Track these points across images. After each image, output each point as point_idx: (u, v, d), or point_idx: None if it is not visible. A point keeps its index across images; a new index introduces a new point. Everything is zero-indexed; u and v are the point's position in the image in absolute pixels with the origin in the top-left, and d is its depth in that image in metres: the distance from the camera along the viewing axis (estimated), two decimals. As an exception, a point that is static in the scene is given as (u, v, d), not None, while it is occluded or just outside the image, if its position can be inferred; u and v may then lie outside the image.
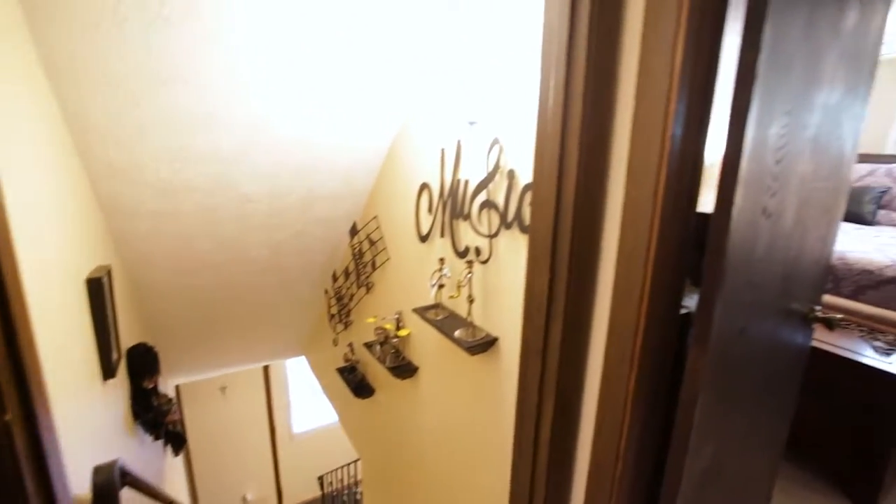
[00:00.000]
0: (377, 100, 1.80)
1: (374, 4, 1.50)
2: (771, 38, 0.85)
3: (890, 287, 2.57)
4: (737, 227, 0.93)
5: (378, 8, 1.52)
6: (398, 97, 1.78)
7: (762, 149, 0.93)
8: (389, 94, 1.79)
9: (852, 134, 1.31)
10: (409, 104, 1.75)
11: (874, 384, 2.00)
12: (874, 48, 1.27)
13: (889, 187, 3.90)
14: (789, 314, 1.33)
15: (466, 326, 1.39)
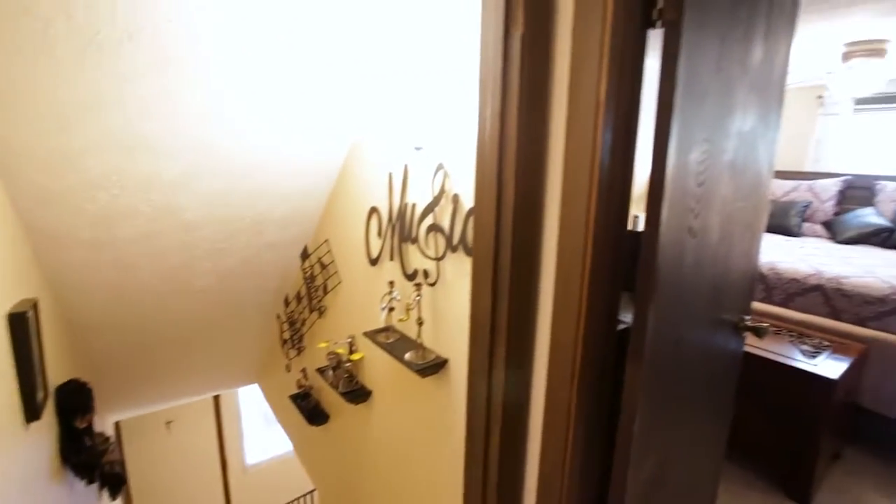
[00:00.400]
0: (326, 124, 1.80)
1: (320, 30, 1.52)
2: (685, 74, 0.93)
3: (814, 294, 2.77)
4: (665, 245, 0.99)
5: (325, 33, 1.54)
6: (347, 122, 1.79)
7: (684, 173, 1.00)
8: (338, 118, 1.80)
9: (767, 157, 1.42)
10: (358, 128, 1.77)
11: (803, 385, 2.14)
12: (780, 80, 1.40)
13: (810, 201, 4.23)
14: (721, 324, 1.41)
15: (417, 349, 1.40)
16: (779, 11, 1.29)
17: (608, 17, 0.87)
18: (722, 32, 1.03)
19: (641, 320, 0.99)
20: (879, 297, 2.55)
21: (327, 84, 1.68)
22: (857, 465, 2.46)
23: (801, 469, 2.17)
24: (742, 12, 1.10)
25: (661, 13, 0.92)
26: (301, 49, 1.54)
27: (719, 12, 1.01)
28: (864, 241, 3.75)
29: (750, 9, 1.13)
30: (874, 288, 2.59)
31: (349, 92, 1.71)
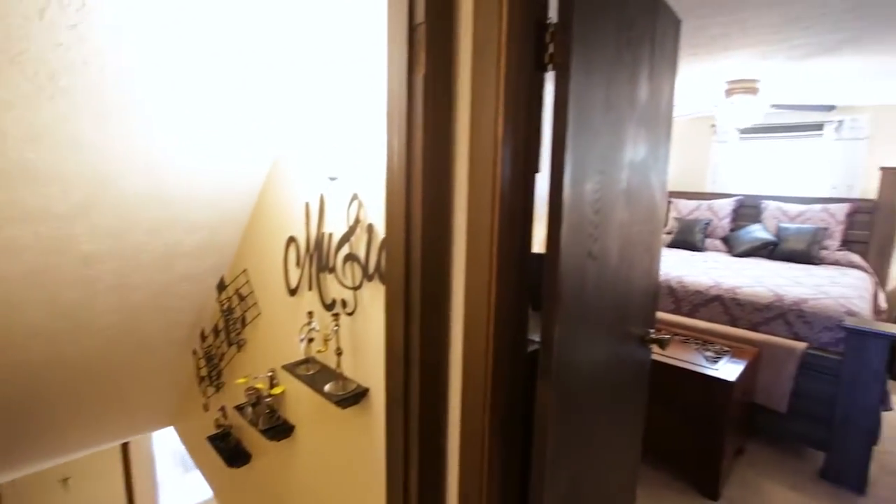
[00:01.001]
0: (241, 153, 1.75)
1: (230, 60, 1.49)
2: (576, 113, 1.01)
3: (715, 304, 3.05)
4: (567, 268, 1.05)
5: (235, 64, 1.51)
6: (263, 151, 1.75)
7: (581, 202, 1.08)
8: (254, 147, 1.76)
9: (660, 183, 1.56)
10: (274, 158, 1.73)
11: (707, 388, 2.33)
12: (667, 115, 1.56)
13: (711, 219, 4.68)
14: (628, 338, 1.51)
15: (337, 379, 1.37)
16: (660, 55, 1.44)
17: (502, 61, 0.93)
18: (609, 75, 1.14)
19: (548, 340, 1.04)
20: (766, 304, 2.85)
21: (241, 111, 1.64)
22: (758, 458, 2.70)
23: (710, 466, 2.35)
24: (627, 57, 1.22)
25: (551, 57, 1.01)
26: (214, 76, 1.50)
27: (605, 57, 1.12)
28: (755, 254, 4.19)
29: (634, 54, 1.26)
30: (762, 296, 2.90)
31: (265, 119, 1.68)
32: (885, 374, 2.37)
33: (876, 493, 2.42)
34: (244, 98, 1.60)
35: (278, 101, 1.64)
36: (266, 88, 1.61)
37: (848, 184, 4.25)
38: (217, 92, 1.55)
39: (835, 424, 2.46)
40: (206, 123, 1.61)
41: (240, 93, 1.58)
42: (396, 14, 1.01)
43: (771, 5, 2.09)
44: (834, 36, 2.44)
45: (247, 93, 1.58)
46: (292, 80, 1.58)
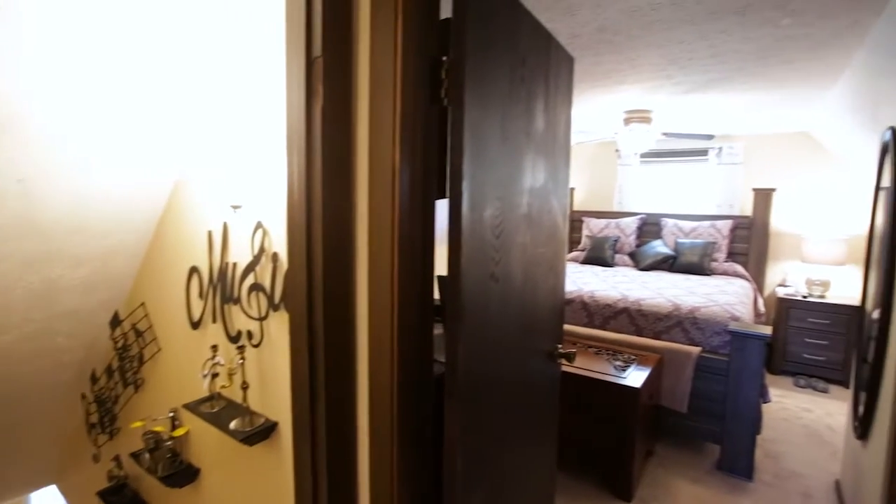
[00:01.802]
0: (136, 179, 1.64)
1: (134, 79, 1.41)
2: (473, 144, 1.07)
3: (622, 316, 3.28)
4: (469, 291, 1.09)
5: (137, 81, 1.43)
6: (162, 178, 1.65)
7: (480, 227, 1.13)
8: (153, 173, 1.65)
9: (561, 207, 1.68)
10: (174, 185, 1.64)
11: (617, 395, 2.48)
12: (565, 144, 1.68)
13: (619, 236, 5.05)
14: (536, 354, 1.58)
15: (244, 415, 1.31)
16: (555, 90, 1.56)
17: (398, 95, 0.97)
18: (504, 109, 1.22)
19: (453, 361, 1.07)
20: (666, 313, 3.11)
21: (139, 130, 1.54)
22: (666, 458, 2.90)
23: (623, 469, 2.49)
24: (521, 92, 1.32)
25: (447, 92, 1.06)
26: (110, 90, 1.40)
27: (500, 92, 1.20)
28: (658, 267, 4.58)
29: (528, 89, 1.36)
30: (662, 307, 3.17)
31: (164, 142, 1.60)
32: (762, 370, 2.67)
33: (760, 477, 2.70)
34: (142, 115, 1.51)
35: (179, 124, 1.56)
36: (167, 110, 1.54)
37: (729, 203, 4.79)
38: (113, 107, 1.45)
39: (726, 419, 2.72)
40: (98, 142, 1.49)
41: (139, 110, 1.49)
42: (294, 47, 1.02)
43: (653, 47, 2.35)
44: (704, 76, 2.79)
45: (146, 111, 1.50)
46: (193, 106, 1.52)
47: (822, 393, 3.88)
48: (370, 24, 1.00)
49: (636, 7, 1.88)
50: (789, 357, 4.16)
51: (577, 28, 2.11)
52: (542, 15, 1.97)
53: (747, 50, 2.35)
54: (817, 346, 4.04)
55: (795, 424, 3.36)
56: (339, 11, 1.00)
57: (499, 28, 1.19)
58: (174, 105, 1.55)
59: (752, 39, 2.21)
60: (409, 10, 0.99)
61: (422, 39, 1.03)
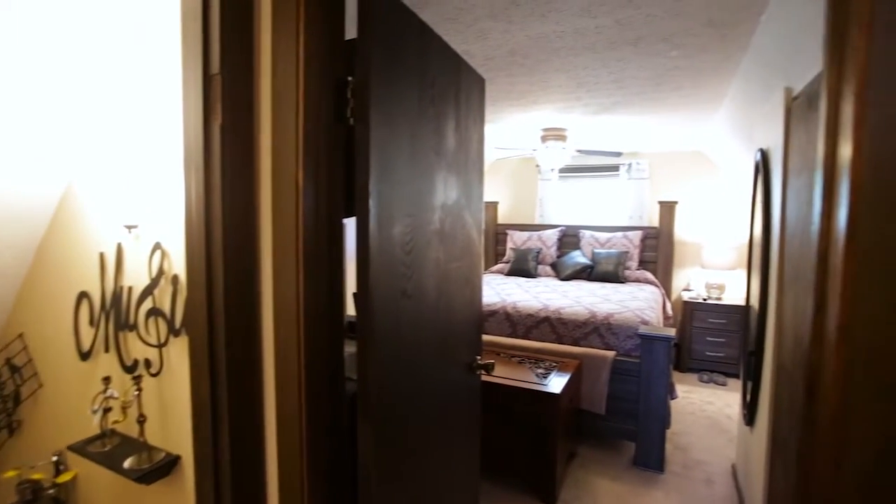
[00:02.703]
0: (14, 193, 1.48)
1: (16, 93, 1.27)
2: (381, 162, 1.08)
3: (544, 325, 3.41)
4: (380, 308, 1.10)
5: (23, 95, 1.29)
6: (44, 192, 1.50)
7: (390, 245, 1.14)
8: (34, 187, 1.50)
9: (475, 222, 1.73)
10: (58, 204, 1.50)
11: (539, 402, 2.58)
12: (477, 161, 1.74)
13: (541, 248, 5.27)
14: (455, 367, 1.61)
15: (140, 451, 1.21)
16: (466, 110, 1.62)
17: (301, 114, 0.96)
18: (413, 128, 1.25)
19: (364, 380, 1.07)
20: (583, 321, 3.29)
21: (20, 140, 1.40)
22: (588, 459, 3.04)
23: (546, 473, 2.57)
24: (431, 111, 1.35)
25: (352, 111, 1.07)
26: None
27: (408, 112, 1.22)
28: (576, 277, 4.84)
29: (438, 109, 1.40)
30: (580, 314, 3.34)
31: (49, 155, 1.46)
32: (669, 369, 2.90)
33: (671, 468, 2.91)
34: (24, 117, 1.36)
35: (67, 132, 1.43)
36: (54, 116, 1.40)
37: (639, 215, 5.19)
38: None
39: (639, 417, 2.91)
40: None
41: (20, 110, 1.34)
42: (191, 63, 0.99)
43: (561, 72, 2.51)
44: (608, 99, 3.02)
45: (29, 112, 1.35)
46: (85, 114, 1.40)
47: (721, 386, 4.26)
48: (271, 42, 0.99)
49: (542, 34, 2.01)
50: (694, 355, 4.54)
51: (489, 51, 2.21)
52: (456, 37, 2.04)
53: (644, 77, 2.58)
54: (717, 343, 4.45)
55: (700, 417, 3.66)
56: (237, 28, 0.98)
57: (406, 50, 1.22)
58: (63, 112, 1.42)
59: (647, 68, 2.43)
60: (311, 29, 0.99)
61: (326, 59, 1.03)
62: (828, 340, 0.66)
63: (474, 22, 1.90)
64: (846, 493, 0.66)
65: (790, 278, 1.81)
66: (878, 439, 0.61)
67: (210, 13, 0.95)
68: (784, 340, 1.88)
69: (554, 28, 1.95)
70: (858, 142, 0.60)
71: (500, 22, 1.89)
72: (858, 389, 0.61)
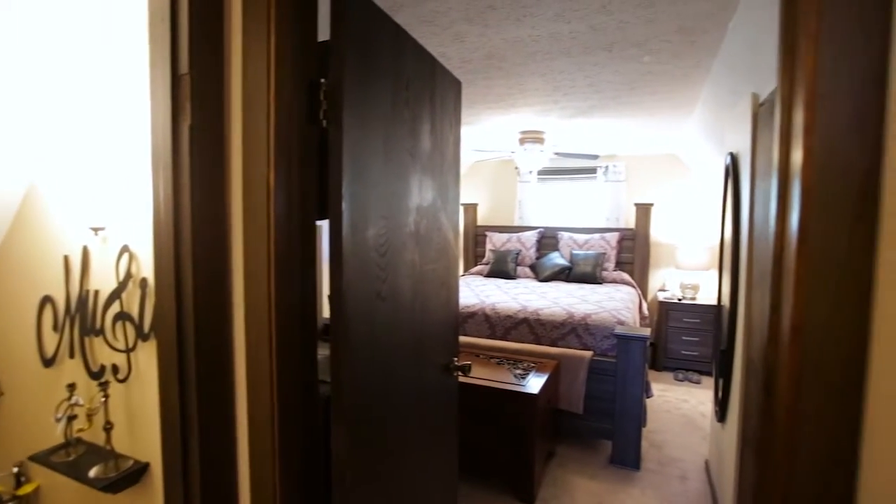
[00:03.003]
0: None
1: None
2: (353, 165, 1.08)
3: (522, 326, 3.44)
4: (354, 311, 1.09)
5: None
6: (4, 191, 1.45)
7: (364, 247, 1.14)
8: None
9: (451, 224, 1.74)
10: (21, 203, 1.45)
11: (517, 403, 2.60)
12: (453, 163, 1.75)
13: (520, 249, 5.31)
14: (431, 369, 1.61)
15: (107, 459, 1.18)
16: (442, 112, 1.63)
17: (272, 115, 0.96)
18: (387, 130, 1.25)
19: (339, 383, 1.06)
20: (561, 321, 3.33)
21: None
22: (566, 458, 3.08)
23: (525, 473, 2.59)
24: (406, 114, 1.36)
25: (325, 113, 1.07)
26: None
27: (383, 114, 1.22)
28: (555, 278, 4.89)
29: (413, 111, 1.40)
30: (558, 315, 3.38)
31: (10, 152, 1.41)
32: (645, 369, 2.96)
33: (646, 466, 2.96)
34: None
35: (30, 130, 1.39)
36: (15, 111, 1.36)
37: (616, 216, 5.27)
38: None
39: (616, 416, 2.96)
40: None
41: None
42: (159, 63, 0.97)
43: (538, 75, 2.54)
44: (585, 103, 3.07)
45: None
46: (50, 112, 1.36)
47: (696, 384, 4.36)
48: (242, 42, 0.98)
49: (518, 38, 2.03)
50: (670, 354, 4.64)
51: (466, 54, 2.22)
52: (433, 40, 2.05)
53: (619, 81, 2.63)
54: (691, 342, 4.55)
55: (675, 414, 3.74)
56: (207, 28, 0.97)
57: (380, 52, 1.22)
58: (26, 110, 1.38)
59: (622, 72, 2.48)
60: (283, 30, 0.98)
61: (298, 60, 1.03)
62: (782, 339, 0.68)
63: (450, 25, 1.91)
64: (803, 482, 0.69)
65: (758, 278, 1.87)
66: (828, 433, 0.64)
67: (178, 12, 0.94)
68: (753, 338, 1.93)
69: (529, 32, 1.97)
70: (809, 148, 0.63)
71: (477, 25, 1.91)
72: (809, 386, 0.63)
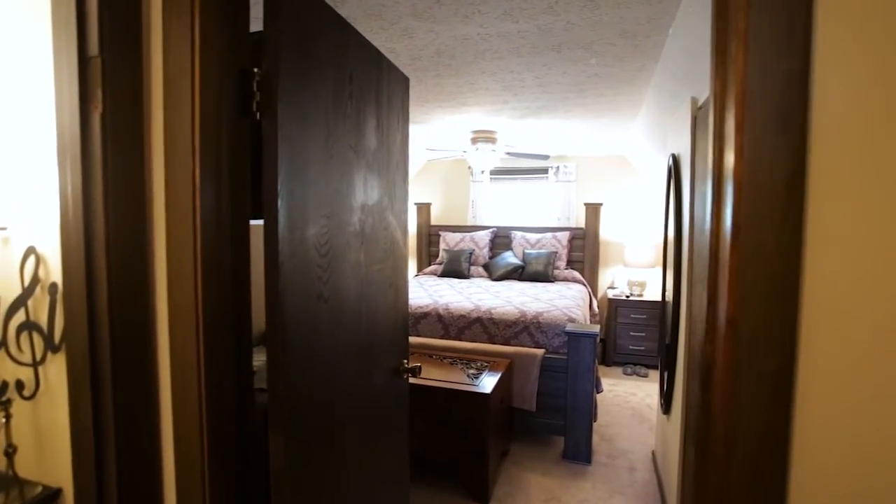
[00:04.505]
0: None
1: None
2: (290, 161, 1.02)
3: (476, 325, 3.44)
4: (293, 314, 1.03)
5: None
6: None
7: (303, 247, 1.08)
8: None
9: (400, 223, 1.70)
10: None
11: (470, 402, 2.59)
12: (401, 160, 1.71)
13: (473, 249, 5.33)
14: (381, 371, 1.57)
15: (11, 486, 1.05)
16: (388, 108, 1.59)
17: (197, 105, 0.88)
18: (329, 125, 1.20)
19: (276, 391, 1.00)
20: (514, 320, 3.36)
21: None
22: (521, 456, 3.10)
23: (479, 472, 2.59)
24: (349, 108, 1.31)
25: (259, 105, 1.00)
26: None
27: (323, 108, 1.17)
28: (508, 277, 4.94)
29: (357, 106, 1.35)
30: (510, 314, 3.41)
31: None
32: (595, 365, 3.03)
33: (598, 459, 3.03)
34: None
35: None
36: None
37: (567, 216, 5.40)
38: None
39: (567, 412, 3.01)
40: None
41: None
42: (64, 44, 0.88)
43: (488, 74, 2.54)
44: (535, 103, 3.11)
45: None
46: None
47: (643, 378, 4.53)
48: (162, 21, 0.90)
49: (467, 36, 2.02)
50: (619, 350, 4.79)
51: (416, 51, 2.19)
52: (381, 35, 2.00)
53: (567, 82, 2.68)
54: (639, 337, 4.72)
55: (624, 408, 3.86)
56: (121, 4, 0.88)
57: (320, 42, 1.16)
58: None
59: (570, 74, 2.52)
60: (209, 12, 0.91)
61: (227, 46, 0.96)
62: (718, 333, 0.69)
63: (398, 20, 1.87)
64: (738, 472, 0.70)
65: (698, 275, 1.94)
66: (760, 424, 0.65)
67: (87, -13, 0.85)
68: (694, 333, 2.01)
69: (478, 30, 1.96)
70: (739, 147, 0.64)
71: (425, 21, 1.88)
72: (743, 378, 0.65)
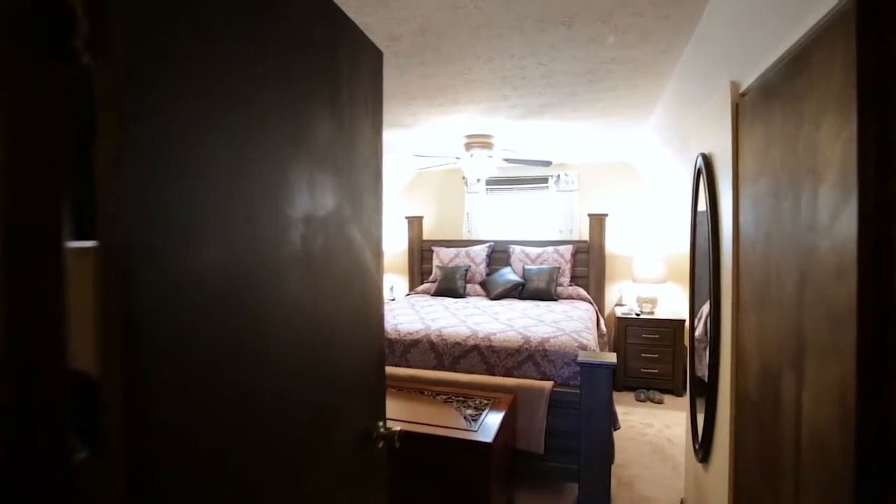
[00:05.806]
0: None
1: None
2: (155, 142, 0.60)
3: (473, 354, 3.00)
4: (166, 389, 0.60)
5: None
6: None
7: (191, 284, 0.66)
8: None
9: (369, 240, 1.27)
10: None
11: (468, 452, 2.14)
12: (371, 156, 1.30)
13: (469, 265, 4.90)
14: (345, 443, 1.13)
15: None
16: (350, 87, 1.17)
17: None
18: (243, 95, 0.78)
19: None
20: (517, 348, 2.92)
21: None
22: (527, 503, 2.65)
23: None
24: (280, 76, 0.89)
25: (85, 41, 0.58)
26: None
27: (230, 69, 0.75)
28: (507, 295, 4.50)
29: (295, 76, 0.94)
30: (512, 341, 2.97)
31: None
32: (611, 399, 2.59)
33: (618, 510, 2.58)
34: None
35: None
36: None
37: (569, 228, 4.99)
38: None
39: (581, 455, 2.56)
40: None
41: None
42: None
43: (483, 60, 2.14)
44: (537, 100, 2.71)
45: None
46: None
47: (658, 404, 4.08)
48: None
49: (459, 4, 1.62)
50: (629, 373, 4.35)
51: (395, 27, 1.78)
52: (351, 3, 1.60)
53: (576, 71, 2.29)
54: (651, 359, 4.28)
55: (641, 443, 3.41)
56: None
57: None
58: None
59: (580, 59, 2.13)
60: None
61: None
62: None
63: (368, -20, 1.47)
64: None
65: (753, 298, 1.52)
66: None
67: None
68: (747, 370, 1.59)
69: (471, -2, 1.56)
70: None
71: (403, -18, 1.48)
72: None
